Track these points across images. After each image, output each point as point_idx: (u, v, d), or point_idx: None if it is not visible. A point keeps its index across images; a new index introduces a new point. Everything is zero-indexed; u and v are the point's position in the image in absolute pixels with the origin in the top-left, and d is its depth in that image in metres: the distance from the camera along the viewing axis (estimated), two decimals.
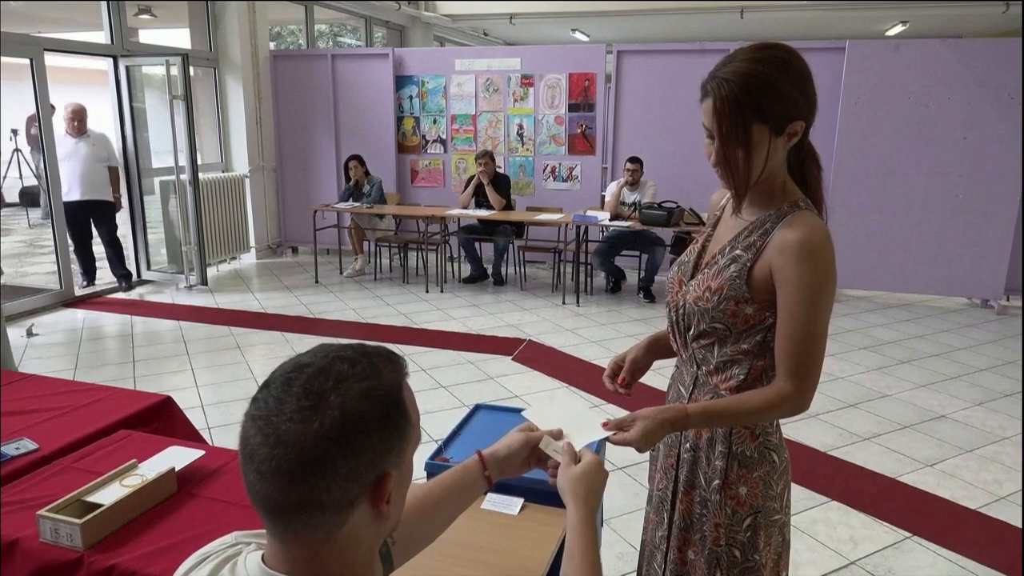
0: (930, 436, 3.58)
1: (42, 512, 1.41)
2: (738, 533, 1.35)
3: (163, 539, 1.45)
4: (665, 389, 1.65)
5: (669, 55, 6.70)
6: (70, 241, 6.02)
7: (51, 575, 1.38)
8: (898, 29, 10.97)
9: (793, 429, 3.63)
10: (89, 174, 5.97)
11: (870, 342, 5.10)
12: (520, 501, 1.62)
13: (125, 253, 6.48)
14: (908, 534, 2.71)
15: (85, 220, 6.10)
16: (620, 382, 1.54)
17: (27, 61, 5.51)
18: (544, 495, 1.64)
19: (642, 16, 10.15)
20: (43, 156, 5.74)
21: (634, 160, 6.06)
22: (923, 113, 5.88)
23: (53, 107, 5.96)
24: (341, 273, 7.07)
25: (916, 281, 6.14)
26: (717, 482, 1.34)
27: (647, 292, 6.16)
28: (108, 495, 1.51)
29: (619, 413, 3.73)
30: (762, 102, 1.23)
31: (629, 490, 3.03)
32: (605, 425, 1.22)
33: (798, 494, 2.99)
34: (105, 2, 6.19)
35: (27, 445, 1.78)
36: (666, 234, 6.00)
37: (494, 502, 1.63)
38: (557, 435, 1.20)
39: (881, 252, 6.15)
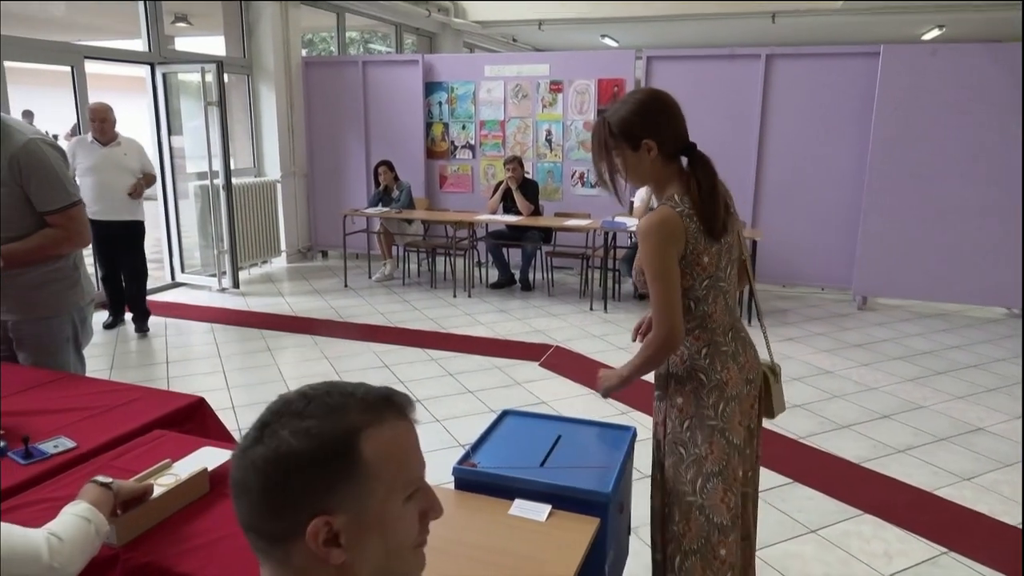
0: (967, 449, 3.50)
1: None
2: (680, 433, 1.83)
3: (196, 538, 1.46)
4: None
5: (699, 61, 6.66)
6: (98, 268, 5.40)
7: (88, 570, 1.40)
8: (934, 33, 10.77)
9: (824, 439, 3.57)
10: (113, 190, 5.02)
11: (905, 352, 5.00)
12: (548, 508, 1.62)
13: (160, 257, 6.53)
14: (944, 549, 2.65)
15: (110, 247, 5.15)
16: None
17: (68, 68, 5.65)
18: (572, 502, 1.63)
19: (672, 22, 10.10)
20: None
21: None
22: (961, 119, 5.76)
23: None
24: (370, 277, 7.13)
25: (953, 290, 6.02)
26: (658, 393, 1.90)
27: None
28: None
29: (643, 418, 3.69)
30: (618, 130, 1.80)
31: None
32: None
33: (829, 506, 2.94)
34: (144, 5, 6.32)
35: (65, 443, 1.82)
36: None
37: (522, 508, 1.62)
38: None
39: (917, 260, 6.04)
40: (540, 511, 1.61)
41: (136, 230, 5.25)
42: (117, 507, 1.41)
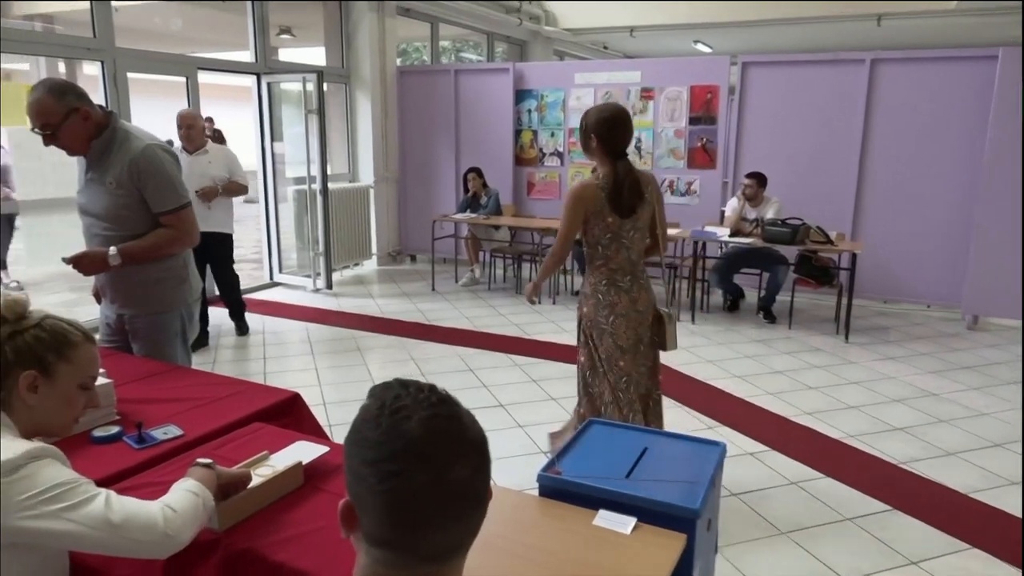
0: None
1: None
2: (585, 331, 2.86)
3: (290, 529, 1.52)
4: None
5: (798, 66, 6.43)
6: None
7: (192, 552, 1.48)
8: None
9: (927, 466, 3.37)
10: (193, 200, 4.54)
11: (1019, 376, 4.65)
12: (633, 520, 1.58)
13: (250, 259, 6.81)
14: None
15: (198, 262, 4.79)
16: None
17: (183, 79, 6.02)
18: (659, 516, 1.60)
19: (769, 26, 9.81)
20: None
21: (752, 175, 5.82)
22: None
23: (211, 119, 6.14)
24: (456, 282, 7.23)
25: None
26: (578, 303, 2.91)
27: (768, 312, 5.91)
28: None
29: (731, 434, 3.59)
30: (588, 124, 2.76)
31: (747, 519, 2.90)
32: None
33: (933, 537, 2.77)
34: (252, 19, 6.67)
35: (173, 431, 1.93)
36: (790, 252, 5.74)
37: (606, 519, 1.60)
38: None
39: None
40: (625, 523, 1.58)
41: (219, 241, 5.05)
42: (219, 490, 1.50)
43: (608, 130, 2.70)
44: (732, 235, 5.72)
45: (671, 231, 6.16)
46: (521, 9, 9.64)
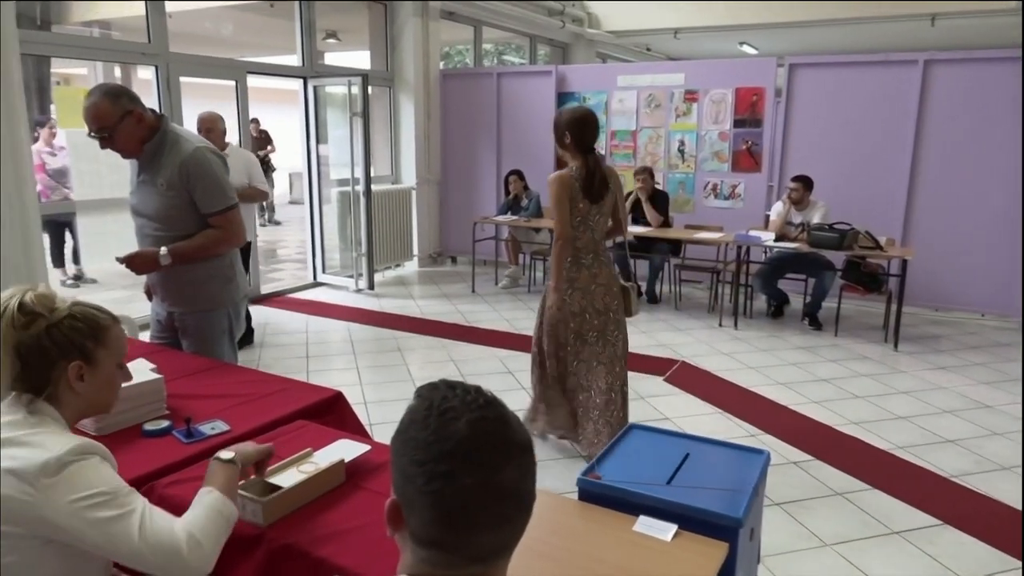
0: None
1: None
2: (542, 314, 3.35)
3: (332, 525, 1.54)
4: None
5: (847, 67, 6.29)
6: None
7: (237, 545, 1.51)
8: None
9: (980, 480, 3.26)
10: None
11: None
12: (674, 527, 1.57)
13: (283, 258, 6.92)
14: None
15: None
16: None
17: (232, 83, 6.16)
18: (700, 524, 1.58)
19: (817, 27, 9.61)
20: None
21: (797, 179, 5.71)
22: None
23: (256, 120, 6.14)
24: (496, 283, 7.25)
25: None
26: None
27: (813, 319, 5.78)
28: (287, 479, 1.63)
29: (774, 442, 3.51)
30: (561, 121, 3.14)
31: (789, 528, 2.85)
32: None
33: (985, 555, 2.67)
34: (300, 24, 6.80)
35: (220, 426, 1.97)
36: (836, 258, 5.61)
37: (646, 525, 1.58)
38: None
39: None
40: (666, 530, 1.56)
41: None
42: (249, 472, 1.54)
43: (580, 128, 3.10)
44: (777, 240, 5.62)
45: (714, 235, 6.10)
46: (564, 12, 9.62)
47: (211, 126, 4.79)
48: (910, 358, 5.06)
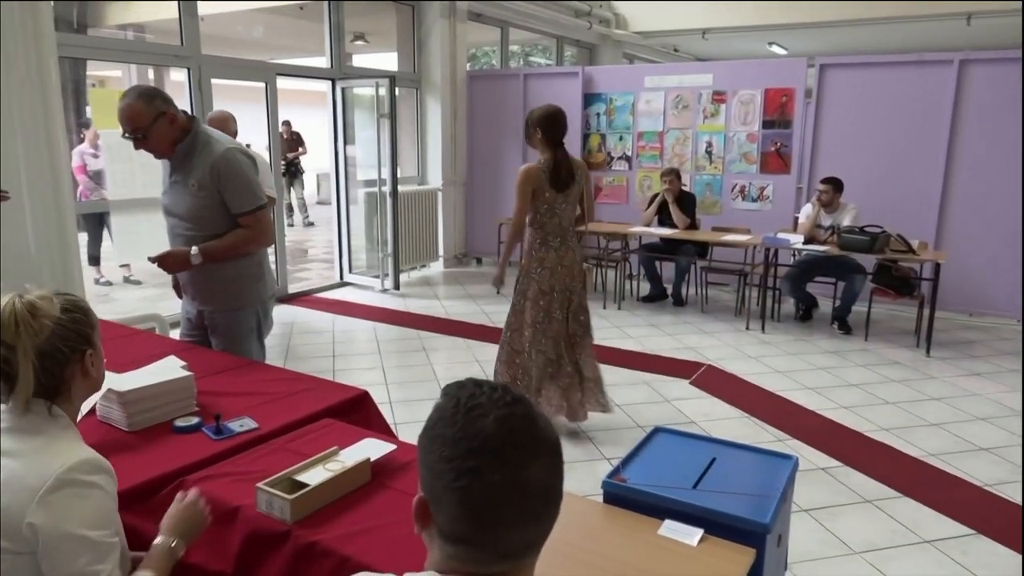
0: None
1: (261, 485, 1.58)
2: (519, 281, 3.62)
3: (358, 523, 1.55)
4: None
5: (880, 67, 6.19)
6: None
7: (264, 542, 1.53)
8: None
9: (1016, 489, 3.18)
10: None
11: None
12: (700, 532, 1.55)
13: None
14: None
15: None
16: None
17: (262, 84, 6.24)
18: (726, 529, 1.56)
19: (849, 27, 9.47)
20: (273, 171, 6.42)
21: (827, 181, 5.62)
22: None
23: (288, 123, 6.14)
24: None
25: None
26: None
27: (843, 323, 5.70)
28: (313, 476, 1.64)
29: (801, 447, 3.47)
30: (531, 120, 3.49)
31: (817, 535, 2.81)
32: None
33: (1020, 567, 2.61)
34: (329, 26, 6.86)
35: (249, 424, 1.99)
36: (866, 261, 5.52)
37: (672, 529, 1.57)
38: None
39: None
40: (692, 535, 1.55)
41: None
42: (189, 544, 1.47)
43: (550, 125, 3.42)
44: (806, 242, 5.54)
45: (741, 237, 6.05)
46: (591, 13, 9.60)
47: (221, 126, 4.54)
48: (942, 364, 4.97)
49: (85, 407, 1.87)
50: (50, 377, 1.30)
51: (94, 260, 7.15)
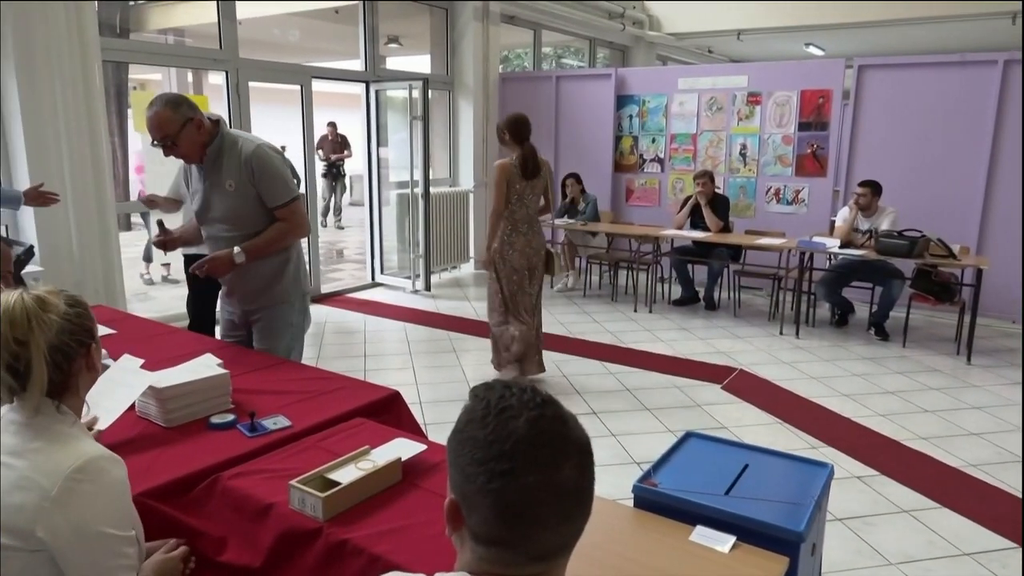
0: None
1: (293, 483, 1.60)
2: (494, 263, 4.26)
3: (388, 522, 1.56)
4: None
5: (920, 68, 6.06)
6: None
7: (296, 539, 1.55)
8: None
9: None
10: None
11: None
12: (732, 539, 1.53)
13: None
14: None
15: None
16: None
17: (298, 87, 6.32)
18: (759, 537, 1.54)
19: (888, 27, 9.29)
20: (305, 172, 6.51)
21: (866, 184, 5.51)
22: None
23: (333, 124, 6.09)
24: (551, 287, 7.24)
25: None
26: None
27: (879, 329, 5.58)
28: (345, 475, 1.66)
29: (836, 455, 3.41)
30: (502, 124, 4.30)
31: (852, 545, 2.75)
32: None
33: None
34: (363, 29, 6.93)
35: (282, 422, 2.02)
36: (904, 266, 5.41)
37: (703, 535, 1.55)
38: None
39: None
40: (724, 541, 1.53)
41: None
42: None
43: (515, 127, 4.15)
44: (843, 246, 5.45)
45: (775, 240, 5.96)
46: (624, 14, 9.55)
47: None
48: (983, 372, 4.84)
49: (119, 407, 1.91)
50: (59, 373, 1.30)
51: (148, 258, 7.39)
